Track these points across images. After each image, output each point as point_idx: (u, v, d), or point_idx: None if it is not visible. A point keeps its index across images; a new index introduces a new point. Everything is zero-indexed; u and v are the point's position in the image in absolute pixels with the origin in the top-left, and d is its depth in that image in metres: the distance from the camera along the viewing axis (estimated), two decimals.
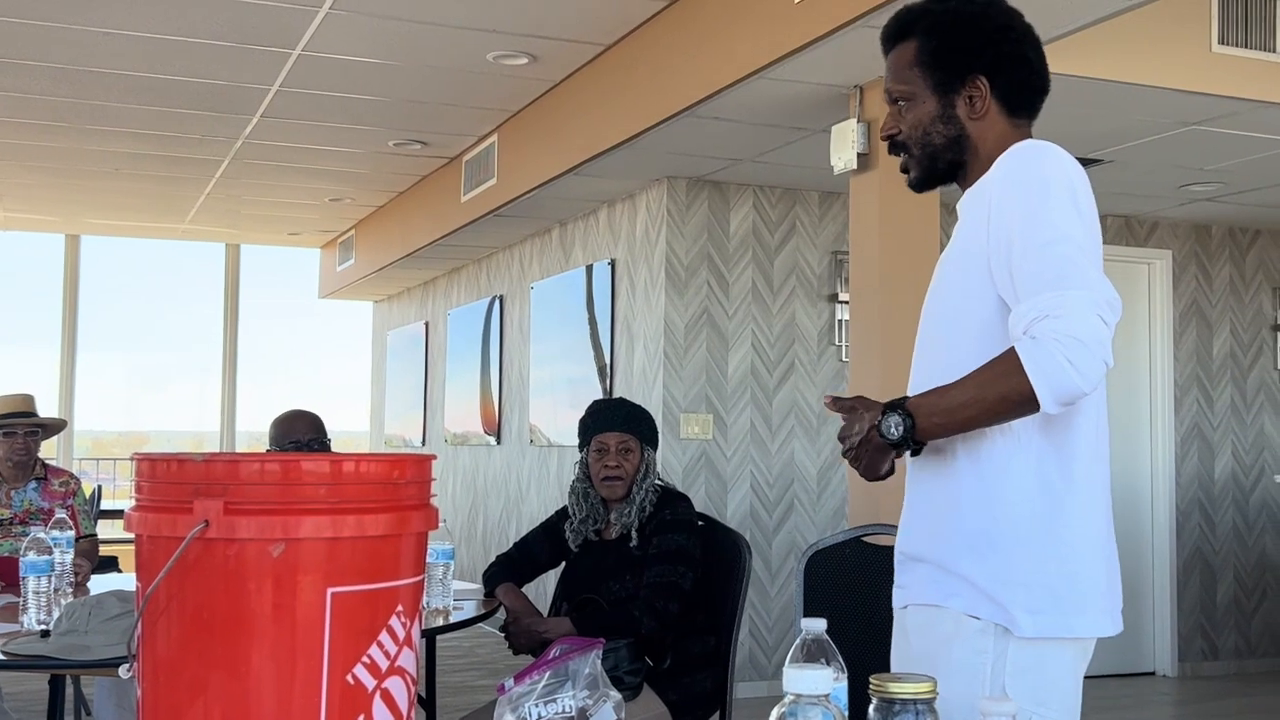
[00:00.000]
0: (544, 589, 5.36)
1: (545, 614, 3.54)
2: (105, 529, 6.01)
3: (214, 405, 11.56)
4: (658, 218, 6.51)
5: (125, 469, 13.30)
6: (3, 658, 2.73)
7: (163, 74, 6.05)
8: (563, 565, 3.63)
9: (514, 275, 8.57)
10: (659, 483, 3.51)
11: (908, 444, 1.86)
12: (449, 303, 9.93)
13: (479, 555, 8.87)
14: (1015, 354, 1.74)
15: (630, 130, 5.48)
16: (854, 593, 2.80)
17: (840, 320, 6.62)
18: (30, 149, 7.66)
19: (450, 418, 9.77)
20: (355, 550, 1.34)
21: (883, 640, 2.09)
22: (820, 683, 1.24)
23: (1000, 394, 1.76)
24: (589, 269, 7.29)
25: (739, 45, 4.62)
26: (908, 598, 2.00)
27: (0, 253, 12.06)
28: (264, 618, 1.30)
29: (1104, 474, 1.93)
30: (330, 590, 1.32)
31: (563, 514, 3.60)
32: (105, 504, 8.14)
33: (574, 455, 3.67)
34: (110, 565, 5.64)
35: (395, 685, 1.37)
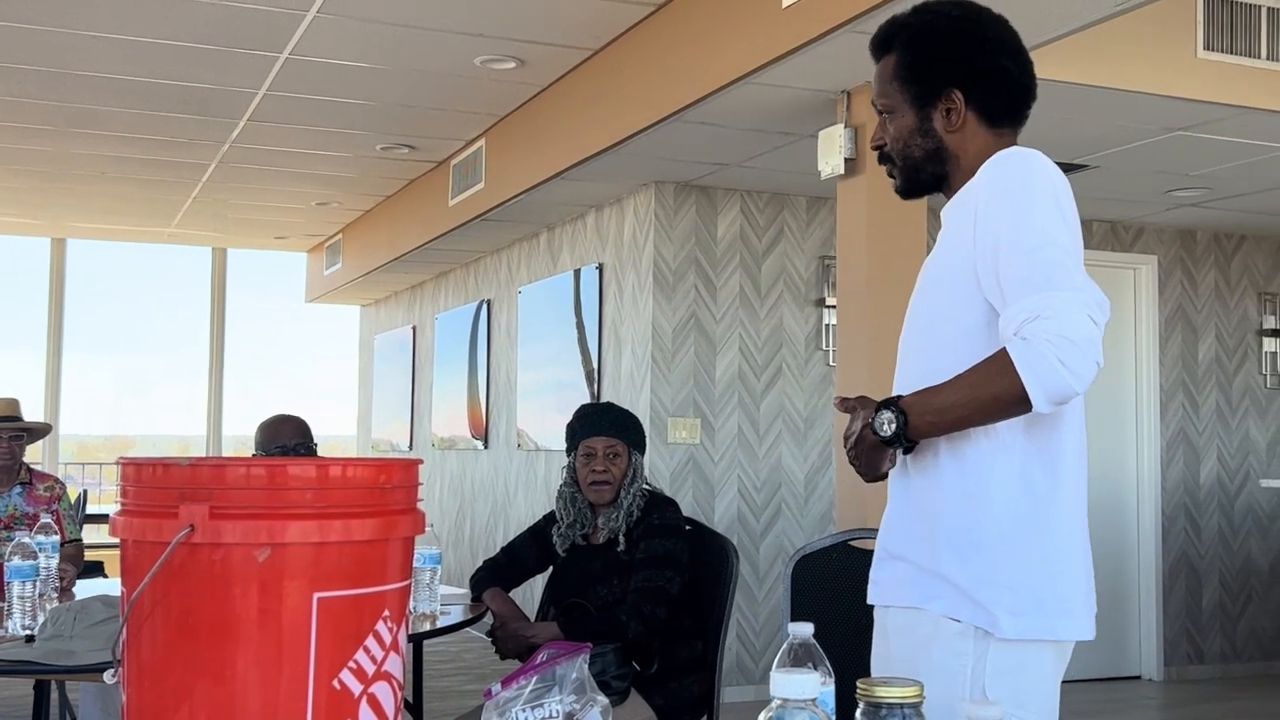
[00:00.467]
0: (531, 594, 5.35)
1: (532, 619, 3.53)
2: (91, 534, 5.99)
3: (200, 409, 11.53)
4: (645, 222, 6.51)
5: (111, 473, 13.26)
6: None
7: (149, 77, 6.04)
8: (550, 570, 3.63)
9: (502, 279, 8.57)
10: (646, 487, 3.51)
11: (900, 441, 1.87)
12: (436, 307, 9.92)
13: (466, 560, 8.86)
14: (1007, 354, 1.76)
15: (618, 135, 5.49)
16: (841, 597, 2.80)
17: (827, 325, 6.64)
18: (16, 152, 7.63)
19: (438, 422, 9.76)
20: (341, 555, 1.34)
21: (870, 644, 2.09)
22: (807, 687, 1.24)
23: (993, 394, 1.77)
24: (577, 273, 7.29)
25: (726, 50, 4.62)
26: (886, 597, 2.01)
27: None
28: (249, 623, 1.30)
29: (1084, 477, 1.94)
30: (316, 595, 1.32)
31: (550, 518, 3.60)
32: (91, 509, 8.12)
33: (561, 460, 3.67)
34: (96, 570, 5.62)
35: (382, 690, 1.37)
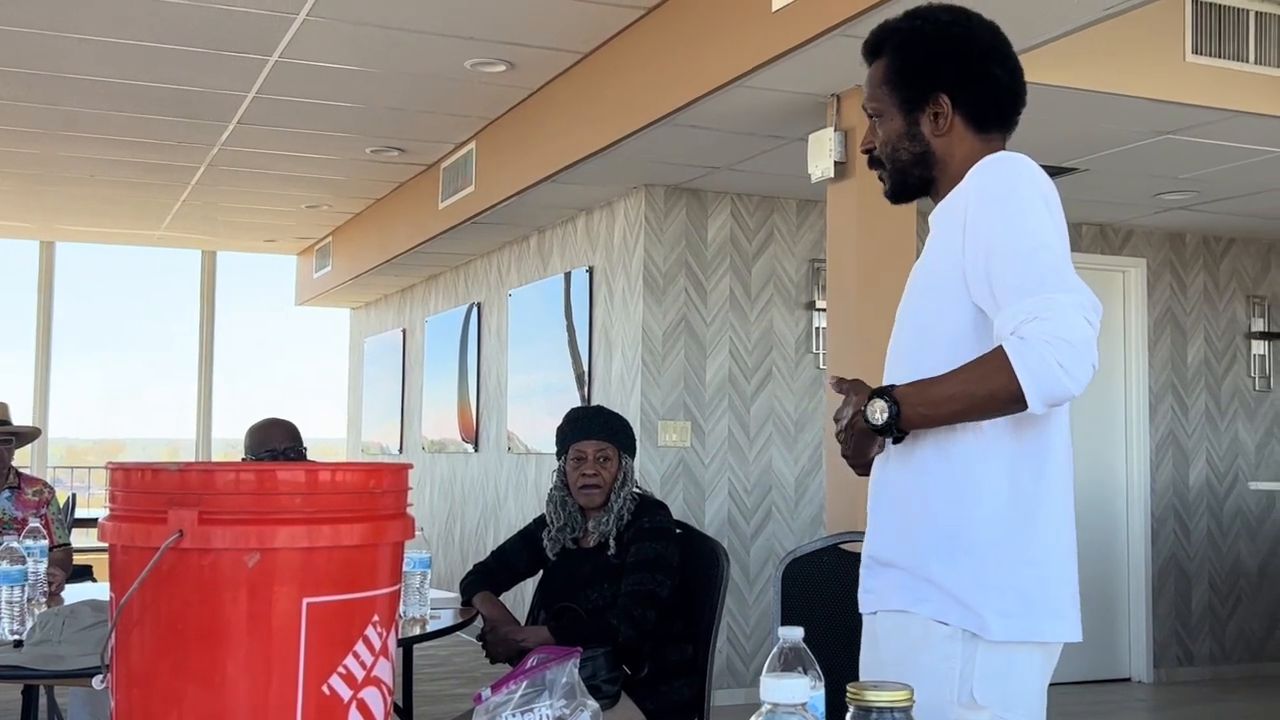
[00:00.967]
0: (522, 597, 5.34)
1: (523, 623, 3.53)
2: (80, 538, 5.98)
3: (190, 413, 11.50)
4: (636, 225, 6.51)
5: (100, 478, 13.22)
6: None
7: (138, 80, 6.02)
8: (540, 574, 3.62)
9: (492, 282, 8.57)
10: (637, 491, 3.51)
11: (891, 431, 1.87)
12: (427, 310, 9.91)
13: (456, 563, 8.85)
14: (1004, 353, 1.76)
15: (608, 138, 5.49)
16: (831, 600, 2.80)
17: (818, 328, 6.64)
18: (4, 155, 7.61)
19: (428, 425, 9.75)
20: (331, 560, 1.34)
21: (860, 648, 2.09)
22: (797, 691, 1.24)
23: (989, 391, 1.78)
24: (567, 276, 7.29)
25: (716, 53, 4.63)
26: (875, 603, 2.01)
27: None
28: (239, 628, 1.30)
29: (1070, 479, 1.95)
30: (306, 600, 1.31)
31: (540, 522, 3.60)
32: (80, 513, 8.10)
33: (552, 463, 3.66)
34: (85, 575, 5.61)
35: (371, 696, 1.37)
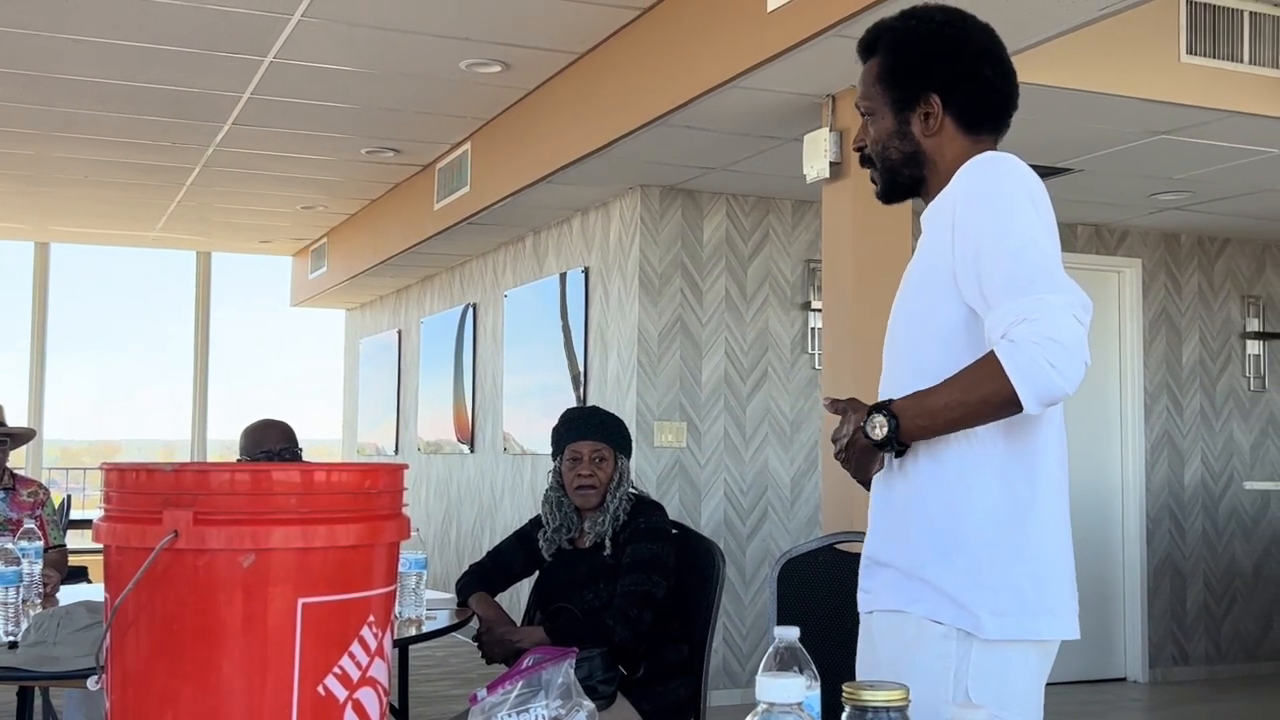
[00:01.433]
0: (517, 598, 5.34)
1: (518, 623, 3.53)
2: (75, 539, 5.96)
3: (185, 414, 11.49)
4: (631, 226, 6.51)
5: (95, 479, 13.20)
6: None
7: (133, 81, 6.02)
8: (536, 574, 3.62)
9: (487, 283, 8.56)
10: (633, 491, 3.51)
11: (892, 445, 1.88)
12: (422, 310, 9.91)
13: (452, 564, 8.85)
14: (995, 357, 1.76)
15: (603, 139, 5.49)
16: (827, 600, 2.80)
17: (813, 328, 6.65)
18: None
19: (423, 426, 9.74)
20: (326, 560, 1.34)
21: (856, 648, 2.09)
22: (793, 691, 1.24)
23: (983, 396, 1.78)
24: (562, 277, 7.29)
25: (712, 54, 4.63)
26: (872, 603, 2.01)
27: None
28: (234, 629, 1.29)
29: (1065, 477, 1.95)
30: (301, 601, 1.31)
31: (536, 523, 3.60)
32: (75, 514, 8.08)
33: (548, 464, 3.66)
34: (80, 576, 5.59)
35: (367, 696, 1.37)
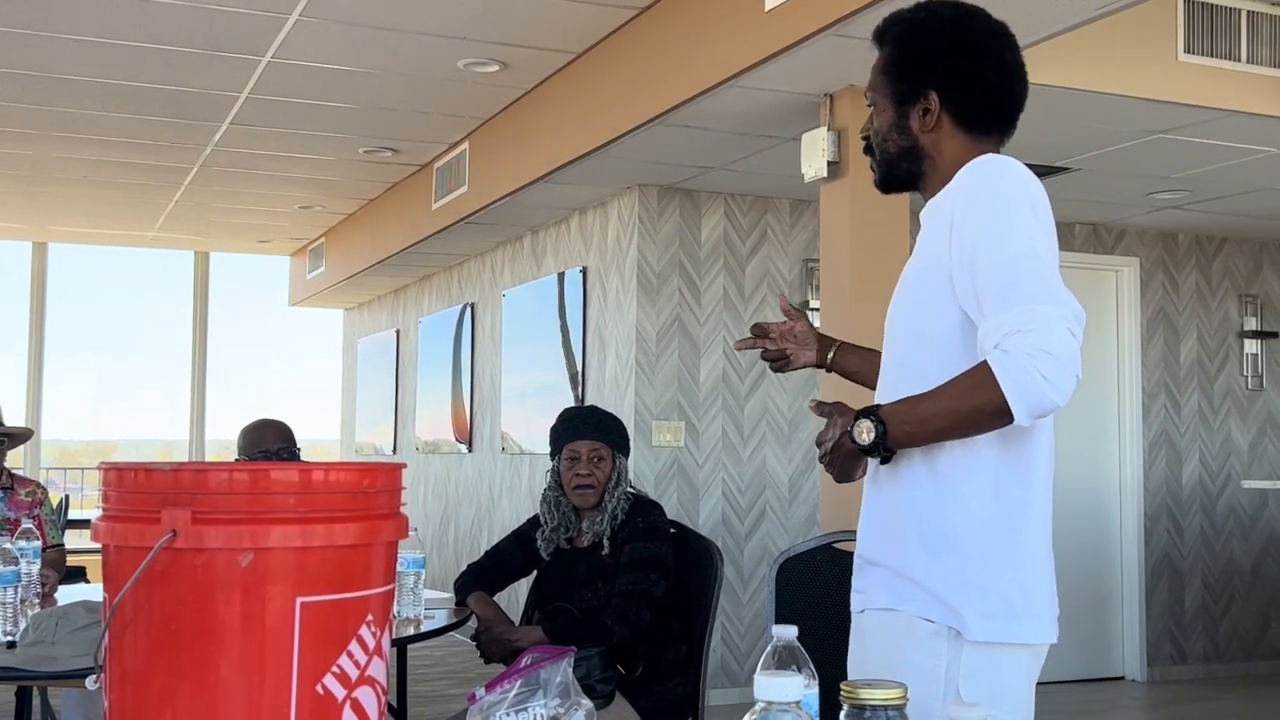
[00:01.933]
0: (516, 597, 5.34)
1: (517, 622, 3.53)
2: (73, 539, 5.96)
3: (183, 414, 11.49)
4: (629, 225, 6.51)
5: (93, 478, 13.19)
6: None
7: (131, 81, 6.02)
8: (534, 574, 3.62)
9: (485, 283, 8.56)
10: (631, 490, 3.51)
11: (878, 450, 1.87)
12: (420, 310, 9.91)
13: (450, 564, 8.85)
14: (988, 367, 1.76)
15: (602, 138, 5.49)
16: (825, 599, 2.80)
17: None
18: None
19: (421, 426, 9.74)
20: (325, 560, 1.34)
21: None
22: (791, 689, 1.24)
23: (974, 405, 1.78)
24: (561, 276, 7.29)
25: (710, 53, 4.63)
26: (864, 602, 2.02)
27: None
28: (232, 628, 1.30)
29: (1051, 483, 1.96)
30: (299, 600, 1.31)
31: (534, 522, 3.60)
32: (73, 514, 8.08)
33: (546, 463, 3.66)
34: (78, 575, 5.59)
35: (365, 695, 1.37)
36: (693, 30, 4.75)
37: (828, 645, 2.32)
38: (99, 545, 1.38)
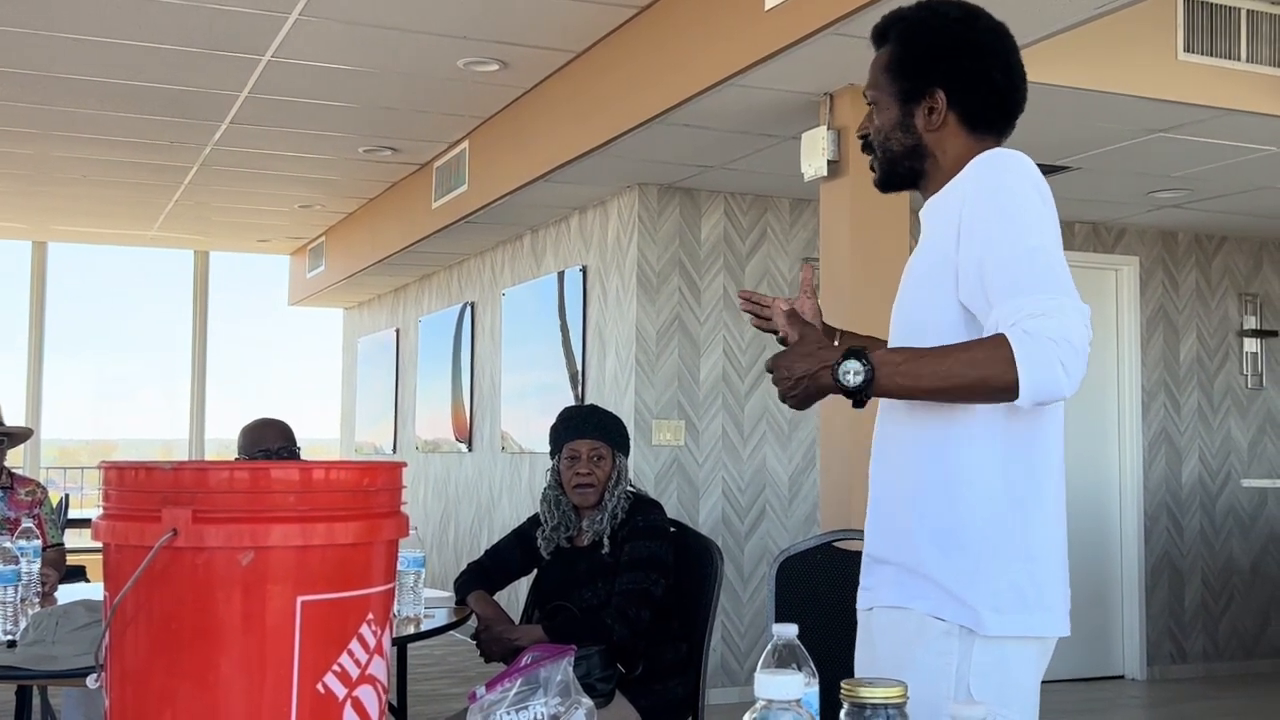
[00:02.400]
0: (516, 596, 5.34)
1: (517, 621, 3.53)
2: (73, 538, 5.96)
3: (183, 413, 11.49)
4: (629, 224, 6.51)
5: (93, 478, 13.20)
6: None
7: (131, 80, 6.01)
8: (534, 573, 3.62)
9: (485, 282, 8.56)
10: (631, 489, 3.51)
11: (862, 393, 1.84)
12: (420, 309, 9.91)
13: (450, 563, 8.85)
14: (1006, 343, 1.73)
15: (601, 137, 5.49)
16: (825, 598, 2.81)
17: None
18: None
19: (421, 425, 9.74)
20: (325, 558, 1.34)
21: (854, 645, 2.09)
22: (791, 688, 1.25)
23: (982, 376, 1.75)
24: (560, 275, 7.29)
25: (710, 52, 4.63)
26: (872, 599, 2.01)
27: None
28: (233, 627, 1.30)
29: (1062, 475, 1.95)
30: (300, 599, 1.32)
31: (534, 521, 3.60)
32: (73, 513, 8.08)
33: (546, 462, 3.66)
34: (78, 575, 5.59)
35: (366, 694, 1.37)
36: (692, 29, 4.75)
37: (828, 644, 2.32)
38: (99, 544, 1.38)
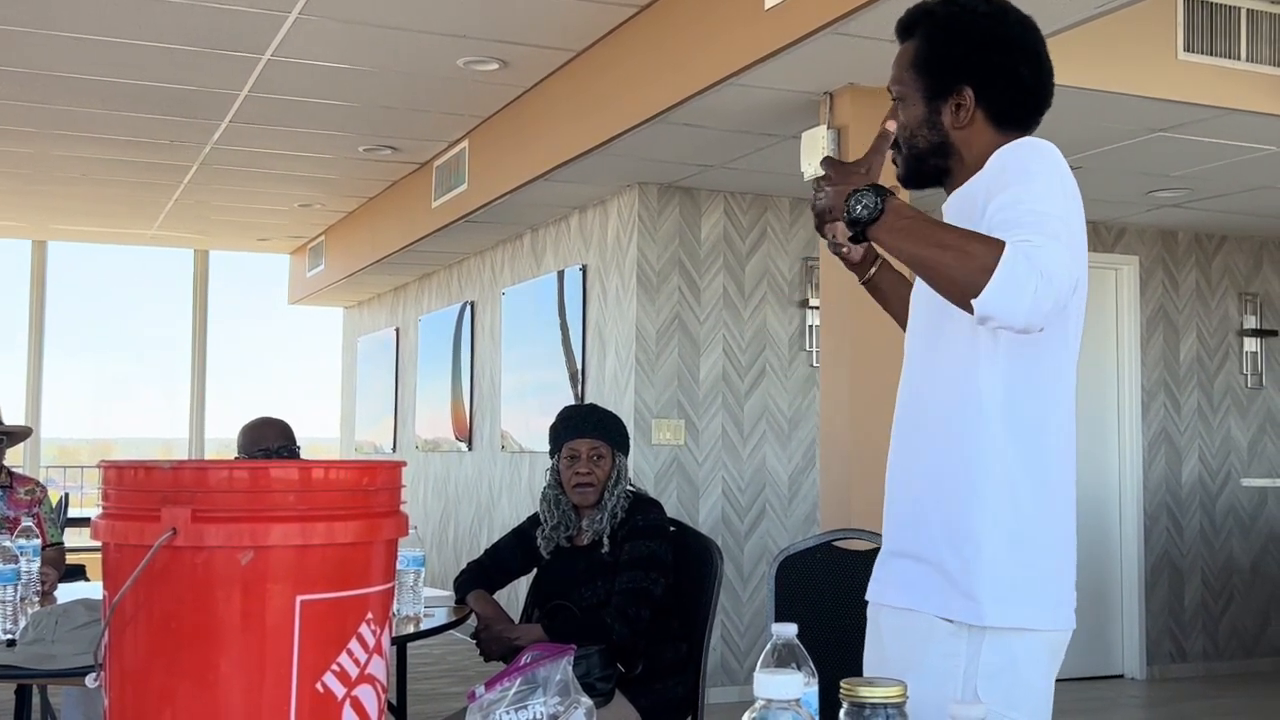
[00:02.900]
0: (516, 596, 5.34)
1: (517, 621, 3.53)
2: (72, 537, 5.96)
3: (182, 412, 11.49)
4: (629, 224, 6.51)
5: (92, 477, 13.19)
6: None
7: (131, 79, 6.01)
8: (534, 572, 3.62)
9: (485, 281, 8.56)
10: (630, 489, 3.51)
11: (860, 227, 1.82)
12: (420, 308, 9.91)
13: (450, 562, 8.85)
14: (999, 251, 1.69)
15: (601, 136, 5.49)
16: (825, 597, 2.81)
17: (811, 326, 6.65)
18: None
19: (421, 424, 9.74)
20: (325, 558, 1.34)
21: (854, 644, 2.09)
22: (791, 687, 1.24)
23: (965, 269, 1.71)
24: (560, 275, 7.29)
25: (709, 52, 4.63)
26: (879, 595, 2.02)
27: None
28: (232, 626, 1.30)
29: (1073, 473, 1.95)
30: (299, 598, 1.31)
31: (534, 520, 3.60)
32: (72, 512, 8.08)
33: (545, 461, 3.66)
34: (78, 574, 5.59)
35: (365, 693, 1.37)
36: (692, 28, 4.75)
37: (827, 643, 2.32)
38: (99, 543, 1.38)
